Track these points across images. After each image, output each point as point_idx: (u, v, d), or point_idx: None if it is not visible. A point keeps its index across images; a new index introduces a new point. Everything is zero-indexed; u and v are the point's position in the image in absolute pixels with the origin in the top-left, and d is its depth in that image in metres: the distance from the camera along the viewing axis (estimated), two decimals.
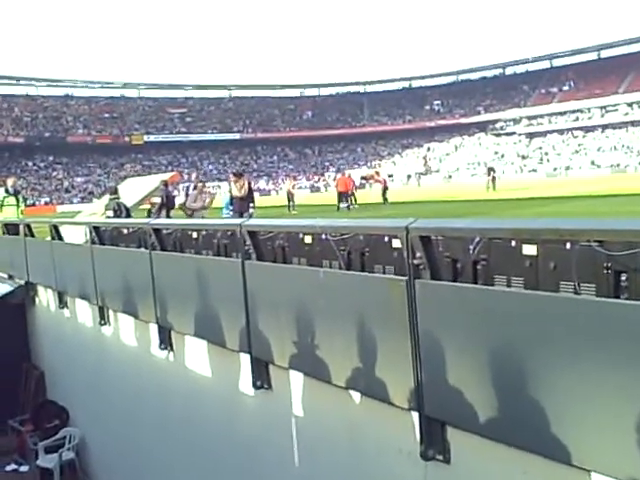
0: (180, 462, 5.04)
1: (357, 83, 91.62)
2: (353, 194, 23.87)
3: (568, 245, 2.63)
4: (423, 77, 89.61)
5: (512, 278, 2.94)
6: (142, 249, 5.23)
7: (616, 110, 65.10)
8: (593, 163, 56.88)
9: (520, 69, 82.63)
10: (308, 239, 4.09)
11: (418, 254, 2.62)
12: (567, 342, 2.01)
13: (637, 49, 69.70)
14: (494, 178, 31.81)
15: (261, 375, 3.73)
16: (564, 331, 2.02)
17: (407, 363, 2.59)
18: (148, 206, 13.04)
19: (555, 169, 56.63)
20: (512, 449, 2.23)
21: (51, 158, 71.14)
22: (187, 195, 14.84)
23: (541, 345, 2.09)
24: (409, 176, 65.65)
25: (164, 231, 5.13)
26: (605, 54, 73.92)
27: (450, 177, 62.97)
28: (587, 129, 66.76)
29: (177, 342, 4.78)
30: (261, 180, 67.71)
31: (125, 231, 6.41)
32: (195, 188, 13.60)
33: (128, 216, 9.80)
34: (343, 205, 22.59)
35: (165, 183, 12.15)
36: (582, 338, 1.97)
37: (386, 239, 3.63)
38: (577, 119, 68.33)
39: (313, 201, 26.36)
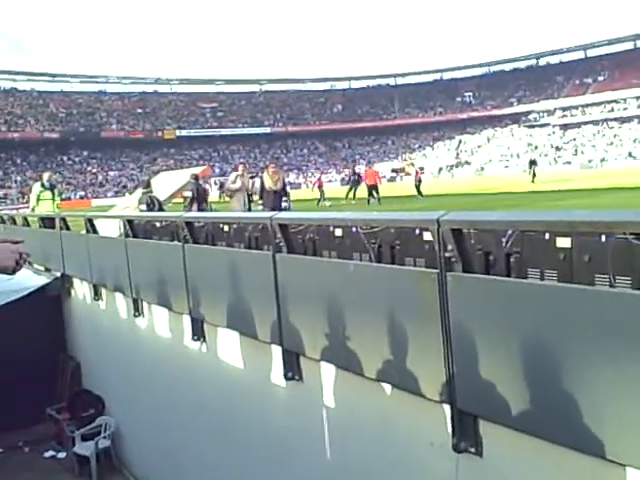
0: (212, 452, 5.11)
1: (388, 76, 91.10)
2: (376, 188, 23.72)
3: (603, 238, 2.58)
4: (454, 69, 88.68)
5: (545, 271, 2.90)
6: (175, 242, 5.30)
7: None
8: (630, 155, 55.56)
9: (554, 60, 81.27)
10: (338, 232, 4.09)
11: (449, 247, 2.61)
12: (602, 335, 1.98)
13: None
14: (534, 172, 31.34)
15: (292, 367, 3.76)
16: (599, 324, 1.99)
17: (439, 356, 2.59)
18: (181, 200, 13.14)
19: (590, 161, 55.55)
20: (545, 442, 2.21)
21: (85, 153, 72.49)
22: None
23: (575, 338, 2.07)
24: (440, 169, 65.14)
25: (196, 224, 5.19)
26: None
27: (482, 169, 62.22)
28: (623, 120, 65.34)
29: (209, 333, 4.85)
30: (292, 174, 67.88)
31: (158, 224, 6.50)
32: (236, 169, 13.52)
33: (161, 209, 9.94)
34: (373, 199, 22.43)
35: (196, 177, 12.25)
36: (618, 331, 1.94)
37: (417, 232, 3.60)
38: (612, 110, 66.91)
39: (343, 194, 26.26)
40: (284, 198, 11.26)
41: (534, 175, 31.22)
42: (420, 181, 26.07)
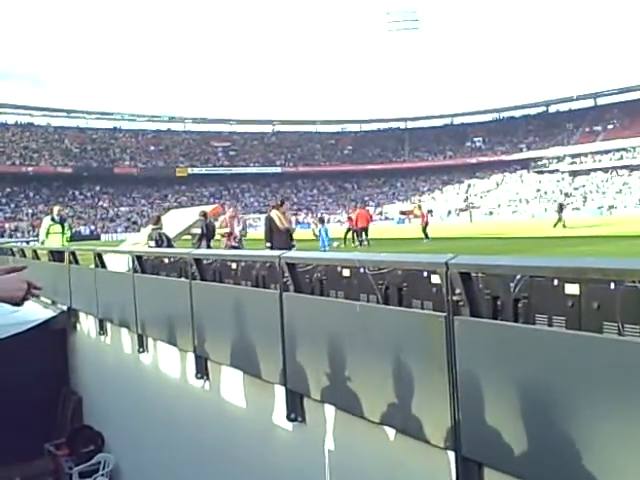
0: None
1: (398, 119, 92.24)
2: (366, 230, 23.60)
3: (612, 285, 2.57)
4: (465, 114, 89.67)
5: (554, 317, 2.88)
6: (182, 279, 5.30)
7: None
8: None
9: (564, 107, 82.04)
10: (346, 272, 4.09)
11: (457, 290, 2.60)
12: (610, 384, 1.95)
13: None
14: (561, 217, 30.57)
15: (295, 408, 3.71)
16: (607, 373, 1.97)
17: (444, 401, 2.55)
18: (190, 237, 13.25)
19: (599, 208, 55.55)
20: None
21: (98, 188, 73.31)
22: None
23: (583, 387, 2.03)
24: (449, 212, 65.30)
25: (204, 261, 5.20)
26: None
27: (491, 214, 62.32)
28: (632, 168, 65.54)
29: (213, 372, 4.81)
30: (301, 213, 68.24)
31: (166, 261, 6.52)
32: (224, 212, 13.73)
33: (169, 246, 9.97)
34: (362, 242, 22.52)
35: (204, 214, 12.34)
36: (627, 381, 1.91)
37: (425, 274, 3.60)
38: (622, 157, 67.22)
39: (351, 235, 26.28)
40: (292, 241, 10.75)
41: (561, 220, 30.26)
42: (427, 224, 26.09)
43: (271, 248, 9.91)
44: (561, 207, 32.28)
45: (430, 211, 44.62)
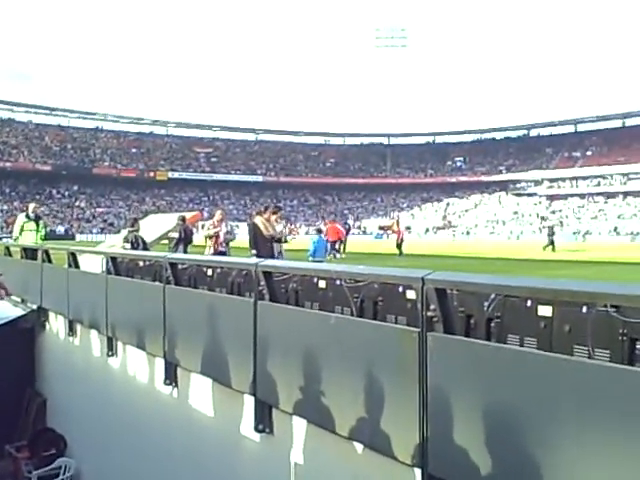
0: None
1: (381, 135, 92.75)
2: (343, 242, 24.19)
3: (584, 309, 2.59)
4: (447, 133, 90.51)
5: (525, 338, 2.89)
6: (157, 283, 5.24)
7: (638, 178, 65.03)
8: (615, 230, 56.49)
9: (544, 131, 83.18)
10: (322, 284, 4.08)
11: (432, 306, 2.60)
12: (578, 407, 1.96)
13: None
14: (553, 240, 30.74)
15: (264, 419, 3.67)
16: (576, 395, 1.97)
17: (413, 417, 2.53)
18: (167, 241, 13.07)
19: (574, 233, 56.32)
20: None
21: (76, 187, 72.43)
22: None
23: (551, 408, 2.04)
24: (427, 229, 65.71)
25: (180, 266, 5.15)
26: (630, 122, 74.29)
27: (468, 233, 62.86)
28: (608, 195, 66.66)
29: (182, 378, 4.74)
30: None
31: (141, 264, 6.44)
32: (211, 216, 13.38)
33: (145, 249, 9.85)
34: (337, 255, 22.95)
35: (183, 218, 12.26)
36: (594, 404, 1.92)
37: (400, 289, 3.60)
38: (599, 184, 68.34)
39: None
40: (279, 246, 10.09)
41: (552, 244, 30.38)
42: (402, 240, 26.30)
43: (257, 256, 9.26)
44: (552, 230, 32.61)
45: (408, 228, 44.82)
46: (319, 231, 17.03)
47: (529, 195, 73.10)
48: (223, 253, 11.58)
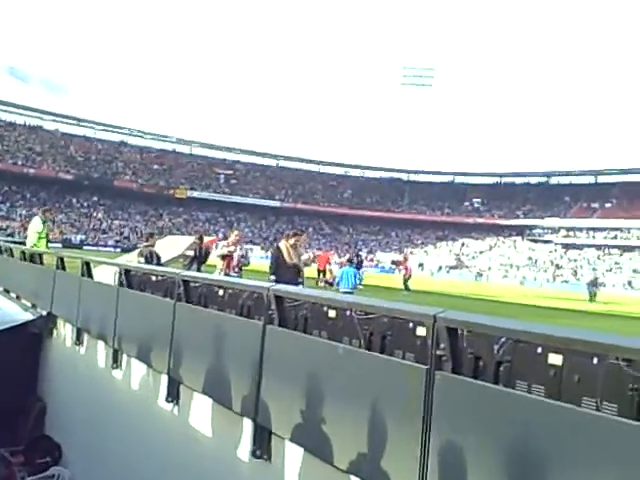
0: None
1: (401, 170, 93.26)
2: (327, 271, 25.03)
3: (595, 360, 2.56)
4: (467, 174, 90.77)
5: (533, 385, 2.86)
6: (167, 299, 5.26)
7: None
8: (630, 284, 55.90)
9: (564, 180, 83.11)
10: (332, 313, 4.07)
11: (442, 345, 2.59)
12: (584, 458, 1.93)
13: None
14: (595, 292, 30.76)
15: (262, 444, 3.64)
16: (583, 446, 1.95)
17: (414, 457, 2.50)
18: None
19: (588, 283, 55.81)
20: None
21: (95, 198, 73.30)
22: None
23: (558, 457, 2.01)
24: (440, 268, 65.47)
25: (192, 284, 5.17)
26: None
27: (480, 275, 62.49)
28: (625, 249, 66.13)
29: (185, 396, 4.72)
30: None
31: (154, 278, 6.47)
32: (226, 237, 12.87)
33: (159, 264, 9.92)
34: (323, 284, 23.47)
35: (200, 237, 12.34)
36: (600, 456, 1.89)
37: (411, 325, 3.58)
38: (616, 237, 67.87)
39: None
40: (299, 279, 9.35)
41: (595, 295, 30.39)
42: (410, 276, 26.44)
43: (276, 282, 9.02)
44: (596, 282, 32.51)
45: (421, 265, 44.62)
46: (350, 261, 16.85)
47: (545, 242, 72.78)
48: None
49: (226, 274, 11.08)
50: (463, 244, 76.95)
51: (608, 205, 73.52)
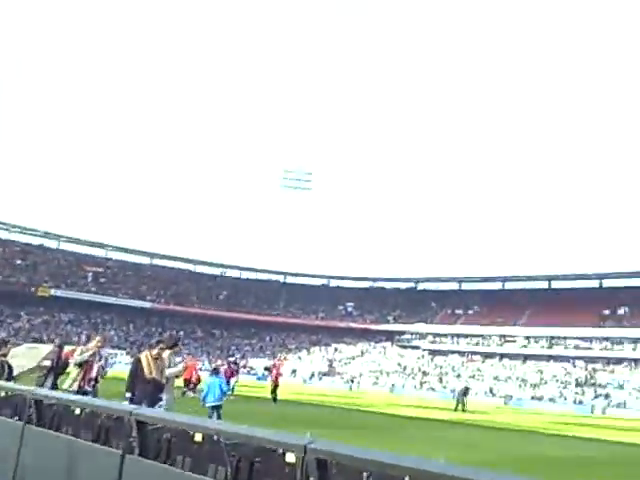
0: None
1: (278, 272, 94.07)
2: (192, 381, 24.58)
3: None
4: (341, 278, 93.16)
5: None
6: (15, 419, 4.77)
7: (514, 341, 68.75)
8: (491, 391, 58.44)
9: (431, 286, 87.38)
10: (198, 437, 3.88)
11: (311, 478, 2.51)
12: None
13: (536, 286, 76.29)
14: (465, 401, 31.24)
15: None
16: None
17: None
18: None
19: (452, 391, 57.83)
20: None
21: None
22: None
23: None
24: (312, 374, 65.28)
25: (45, 402, 4.74)
26: (509, 285, 79.91)
27: (352, 382, 62.86)
28: (486, 355, 69.62)
29: None
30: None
31: (3, 394, 5.87)
32: (89, 340, 11.97)
33: (10, 377, 9.00)
34: (188, 392, 22.91)
35: (60, 345, 11.46)
36: None
37: (280, 451, 3.48)
38: (477, 344, 71.40)
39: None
40: (160, 395, 8.34)
41: (464, 404, 30.72)
42: (277, 385, 25.72)
43: (131, 400, 7.71)
44: (466, 391, 33.27)
45: (294, 371, 44.23)
46: (215, 371, 14.92)
47: (413, 348, 75.08)
48: (85, 393, 9.67)
49: (79, 387, 9.97)
50: (336, 349, 77.52)
51: (470, 312, 77.73)
